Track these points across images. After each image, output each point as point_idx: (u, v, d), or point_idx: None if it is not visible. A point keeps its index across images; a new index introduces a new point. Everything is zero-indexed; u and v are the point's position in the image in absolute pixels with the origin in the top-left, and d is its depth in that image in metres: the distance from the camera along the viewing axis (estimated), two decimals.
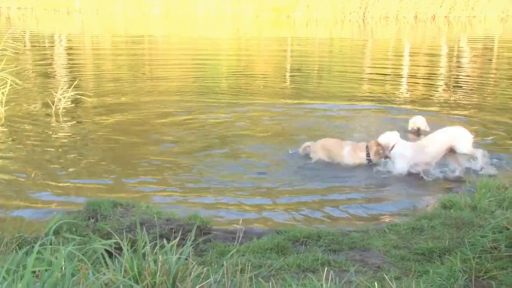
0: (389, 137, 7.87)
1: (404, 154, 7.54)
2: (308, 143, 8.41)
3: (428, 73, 18.70)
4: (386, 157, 7.80)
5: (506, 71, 19.10)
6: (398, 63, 22.08)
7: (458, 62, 22.17)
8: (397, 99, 13.89)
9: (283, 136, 9.67)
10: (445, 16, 41.73)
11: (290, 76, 18.62)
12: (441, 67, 20.65)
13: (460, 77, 17.98)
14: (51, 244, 3.26)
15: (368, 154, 7.95)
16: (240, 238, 4.59)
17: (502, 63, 21.69)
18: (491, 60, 22.77)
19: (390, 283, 2.86)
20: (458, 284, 3.45)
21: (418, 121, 9.71)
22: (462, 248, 4.09)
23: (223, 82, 16.92)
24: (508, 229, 3.89)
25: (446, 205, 5.83)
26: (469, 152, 7.52)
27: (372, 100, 13.31)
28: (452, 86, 16.16)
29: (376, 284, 2.89)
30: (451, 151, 7.57)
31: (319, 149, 8.23)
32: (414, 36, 33.93)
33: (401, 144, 7.69)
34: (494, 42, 28.84)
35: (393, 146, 7.67)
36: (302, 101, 13.18)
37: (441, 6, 41.98)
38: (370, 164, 7.93)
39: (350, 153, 8.03)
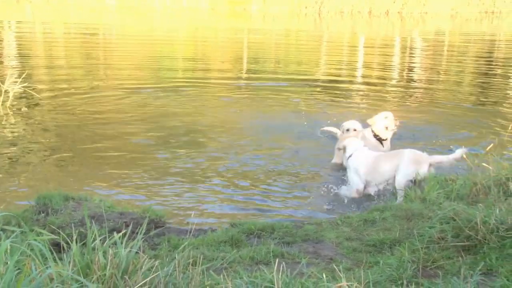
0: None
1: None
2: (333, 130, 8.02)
3: (382, 61, 19.34)
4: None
5: (456, 62, 19.87)
6: (353, 52, 22.66)
7: (411, 52, 23.01)
8: (351, 83, 14.47)
9: (240, 125, 9.72)
10: (398, 12, 42.62)
11: (247, 64, 18.76)
12: (395, 55, 21.42)
13: (412, 65, 18.81)
14: None
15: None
16: (193, 231, 4.57)
17: (452, 54, 22.54)
18: (442, 51, 23.65)
19: (340, 274, 2.90)
20: (406, 274, 3.53)
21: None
22: (412, 239, 4.19)
23: (179, 72, 16.83)
24: (454, 220, 4.00)
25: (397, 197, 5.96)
26: None
27: (328, 87, 13.76)
28: (406, 74, 16.89)
29: (324, 275, 2.92)
30: None
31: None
32: (368, 29, 34.59)
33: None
34: (445, 36, 29.83)
35: None
36: (258, 90, 13.37)
37: (394, 2, 42.80)
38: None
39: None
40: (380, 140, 7.48)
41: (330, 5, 43.38)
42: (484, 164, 5.62)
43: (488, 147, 6.65)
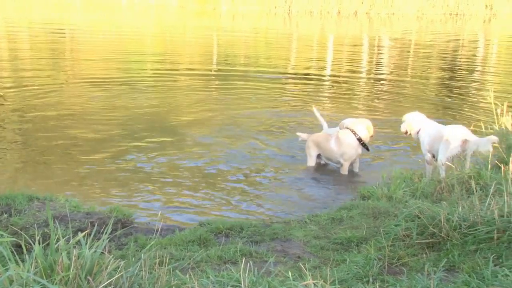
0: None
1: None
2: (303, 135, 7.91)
3: (351, 58, 19.72)
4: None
5: (422, 59, 20.35)
6: (322, 49, 23.00)
7: (379, 50, 23.55)
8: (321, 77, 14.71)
9: (210, 122, 9.71)
10: (366, 13, 43.12)
11: (217, 61, 18.80)
12: (363, 52, 21.87)
13: (380, 62, 19.29)
14: None
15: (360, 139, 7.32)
16: (161, 230, 4.54)
17: (419, 52, 23.08)
18: (409, 49, 24.17)
19: (306, 272, 2.92)
20: (372, 271, 3.58)
21: None
22: (378, 237, 4.24)
23: (148, 68, 16.69)
24: (419, 217, 4.07)
25: (364, 195, 6.04)
26: None
27: (299, 82, 13.96)
28: (374, 70, 17.27)
29: (290, 273, 2.94)
30: None
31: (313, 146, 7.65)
32: (337, 29, 35.00)
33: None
34: (411, 35, 30.51)
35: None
36: (228, 85, 13.44)
37: (362, 3, 43.28)
38: (366, 149, 7.38)
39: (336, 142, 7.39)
40: (364, 144, 7.40)
41: (299, 5, 43.60)
42: (447, 163, 5.74)
43: None
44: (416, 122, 6.81)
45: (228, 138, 8.76)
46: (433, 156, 6.56)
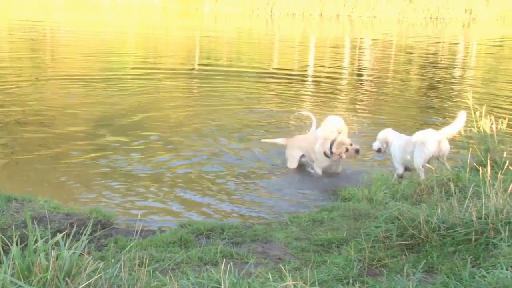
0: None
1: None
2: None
3: (333, 58, 19.97)
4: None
5: (403, 60, 20.61)
6: (304, 50, 23.18)
7: (360, 51, 23.84)
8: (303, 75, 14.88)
9: (191, 122, 9.69)
10: (348, 15, 43.43)
11: (199, 59, 18.81)
12: (345, 53, 22.20)
13: (361, 62, 19.57)
14: None
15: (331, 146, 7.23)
16: (142, 232, 4.51)
17: (399, 53, 23.39)
18: (390, 50, 24.48)
19: (286, 273, 2.93)
20: (352, 272, 3.60)
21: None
22: (358, 239, 4.27)
23: (130, 67, 16.59)
24: (399, 219, 4.11)
25: (345, 197, 6.07)
26: None
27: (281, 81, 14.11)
28: (355, 70, 17.48)
29: (270, 275, 2.94)
30: None
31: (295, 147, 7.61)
32: (319, 30, 35.26)
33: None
34: (392, 37, 30.88)
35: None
36: (210, 84, 13.46)
37: (344, 6, 43.57)
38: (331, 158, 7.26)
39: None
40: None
41: (281, 7, 43.75)
42: (427, 165, 5.80)
43: None
44: (389, 137, 6.83)
45: (209, 138, 8.74)
46: (406, 169, 6.61)
